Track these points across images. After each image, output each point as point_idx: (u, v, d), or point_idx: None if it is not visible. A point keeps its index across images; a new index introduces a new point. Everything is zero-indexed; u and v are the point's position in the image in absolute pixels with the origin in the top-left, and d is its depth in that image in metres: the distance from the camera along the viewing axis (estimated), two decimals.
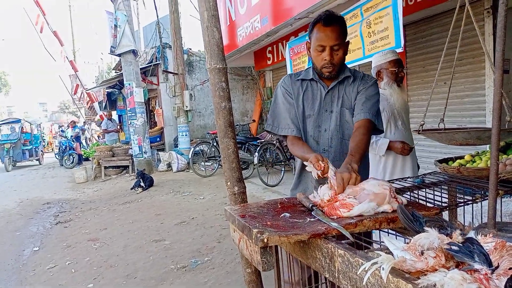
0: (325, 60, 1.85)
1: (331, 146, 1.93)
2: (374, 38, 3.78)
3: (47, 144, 23.24)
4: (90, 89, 16.76)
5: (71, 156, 14.17)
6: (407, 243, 0.98)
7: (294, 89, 1.97)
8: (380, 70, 2.89)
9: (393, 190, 1.42)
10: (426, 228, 0.99)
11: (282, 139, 2.07)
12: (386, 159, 2.86)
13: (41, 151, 17.56)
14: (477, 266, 0.79)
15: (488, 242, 0.87)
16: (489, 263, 0.78)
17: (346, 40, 1.91)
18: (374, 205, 1.38)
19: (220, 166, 8.91)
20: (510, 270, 0.75)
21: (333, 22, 1.82)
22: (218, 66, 1.76)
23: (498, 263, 0.78)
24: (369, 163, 2.11)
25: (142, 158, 10.16)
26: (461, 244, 0.85)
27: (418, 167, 3.16)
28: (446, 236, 0.93)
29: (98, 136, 16.60)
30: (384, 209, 1.38)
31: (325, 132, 1.93)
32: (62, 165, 14.37)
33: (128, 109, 10.49)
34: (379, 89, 2.89)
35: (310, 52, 1.94)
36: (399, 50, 3.37)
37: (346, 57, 1.94)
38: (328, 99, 1.94)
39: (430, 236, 0.93)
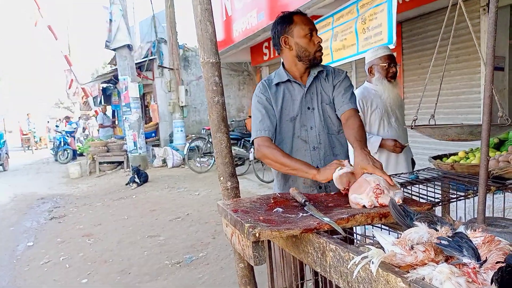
0: (319, 41, 1.90)
1: (320, 143, 1.92)
2: (368, 34, 3.78)
3: (39, 139, 22.26)
4: (85, 83, 16.66)
5: (65, 152, 14.08)
6: (399, 238, 0.98)
7: (271, 94, 1.93)
8: (372, 66, 2.89)
9: (382, 188, 1.40)
10: (415, 222, 0.99)
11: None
12: (379, 156, 2.86)
13: (6, 153, 13.84)
14: (465, 260, 0.79)
15: (477, 237, 0.87)
16: (477, 257, 0.79)
17: None
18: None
19: (215, 162, 8.90)
20: (497, 264, 0.75)
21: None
22: (211, 60, 1.75)
23: (486, 257, 0.79)
24: (347, 147, 2.09)
25: (137, 154, 10.14)
26: (450, 239, 0.85)
27: (415, 163, 3.17)
28: (436, 231, 0.94)
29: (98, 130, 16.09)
30: (363, 202, 1.39)
31: (312, 130, 1.93)
32: (57, 160, 14.31)
33: (123, 104, 10.45)
34: (371, 85, 2.90)
35: (291, 46, 1.90)
36: (391, 46, 3.38)
37: (339, 53, 1.97)
38: (308, 97, 1.94)
39: (419, 231, 0.93)
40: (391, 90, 2.82)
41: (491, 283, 0.71)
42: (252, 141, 1.92)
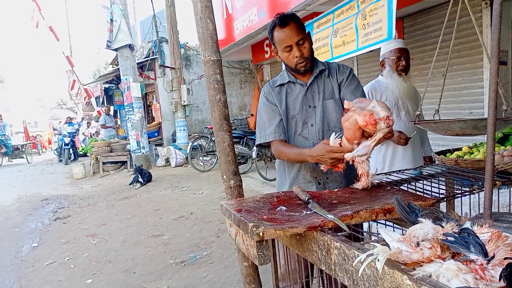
0: (296, 57, 1.89)
1: (319, 139, 1.94)
2: (368, 30, 3.75)
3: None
4: (87, 84, 16.68)
5: (69, 152, 14.17)
6: (404, 234, 0.98)
7: (275, 95, 2.00)
8: (384, 60, 2.89)
9: (374, 120, 1.43)
10: (420, 219, 0.98)
11: (267, 151, 2.12)
12: (386, 149, 2.85)
13: None
14: (472, 256, 0.78)
15: (484, 233, 0.86)
16: (484, 254, 0.78)
17: (307, 32, 1.97)
18: None
19: (218, 161, 8.89)
20: (505, 260, 0.74)
21: (288, 21, 1.88)
22: (212, 58, 1.74)
23: (493, 253, 0.78)
24: None
25: (140, 154, 10.14)
26: (456, 235, 0.84)
27: (434, 161, 3.11)
28: (441, 227, 0.93)
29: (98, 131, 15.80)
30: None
31: (312, 127, 1.97)
32: (61, 161, 14.37)
33: (125, 104, 10.46)
34: (383, 78, 2.89)
35: (279, 56, 1.98)
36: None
37: (339, 49, 1.95)
38: (309, 96, 1.98)
39: (425, 227, 0.92)
40: (400, 84, 2.80)
41: (500, 280, 0.70)
42: (256, 142, 2.03)
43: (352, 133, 1.51)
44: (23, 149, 15.95)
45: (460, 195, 1.71)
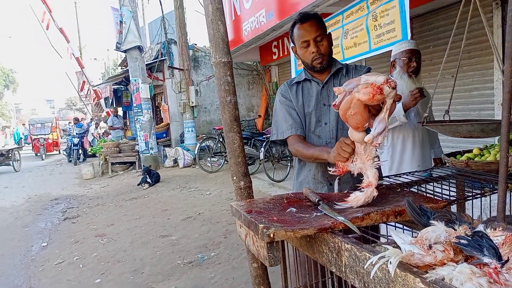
0: (313, 52, 1.89)
1: (333, 138, 1.94)
2: (380, 31, 3.74)
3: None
4: (96, 85, 16.82)
5: (78, 153, 14.30)
6: (415, 236, 0.97)
7: (291, 93, 2.01)
8: (394, 60, 2.87)
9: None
10: (432, 221, 0.97)
11: (283, 149, 2.10)
12: (394, 149, 2.83)
13: None
14: (486, 260, 0.77)
15: (497, 236, 0.85)
16: (498, 257, 0.77)
17: (328, 32, 1.97)
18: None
19: (226, 162, 8.92)
20: None
21: (308, 18, 1.91)
22: (223, 60, 1.75)
23: (508, 257, 0.77)
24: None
25: (149, 154, 10.20)
26: (470, 238, 0.83)
27: (444, 163, 3.07)
28: (454, 230, 0.92)
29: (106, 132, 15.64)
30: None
31: (326, 126, 1.96)
32: (70, 161, 14.51)
33: (134, 105, 10.53)
34: (392, 78, 2.86)
35: (298, 54, 1.99)
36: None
37: (351, 50, 1.94)
38: (325, 94, 1.97)
39: (437, 230, 0.91)
40: (410, 85, 2.75)
41: None
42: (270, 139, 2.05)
43: (361, 117, 1.38)
44: (10, 155, 13.36)
45: (471, 197, 1.69)
